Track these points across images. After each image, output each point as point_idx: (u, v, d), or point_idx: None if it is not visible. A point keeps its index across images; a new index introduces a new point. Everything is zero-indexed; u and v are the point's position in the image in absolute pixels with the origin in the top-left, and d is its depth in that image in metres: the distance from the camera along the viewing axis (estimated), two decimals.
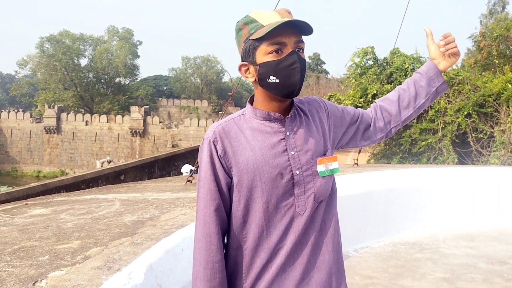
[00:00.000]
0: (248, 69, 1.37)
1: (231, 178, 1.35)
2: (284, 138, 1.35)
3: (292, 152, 1.34)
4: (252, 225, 1.34)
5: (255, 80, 1.35)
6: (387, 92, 12.03)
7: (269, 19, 1.29)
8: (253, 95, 1.43)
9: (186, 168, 10.47)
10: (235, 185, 1.34)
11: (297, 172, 1.34)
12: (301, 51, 1.32)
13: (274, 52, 1.29)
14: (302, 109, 1.44)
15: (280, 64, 1.29)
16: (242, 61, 1.37)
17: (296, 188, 1.34)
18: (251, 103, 1.42)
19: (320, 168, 1.37)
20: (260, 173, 1.31)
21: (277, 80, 1.30)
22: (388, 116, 1.59)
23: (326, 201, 1.40)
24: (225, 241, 1.42)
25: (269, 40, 1.28)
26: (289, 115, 1.38)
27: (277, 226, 1.33)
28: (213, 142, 1.34)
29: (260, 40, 1.29)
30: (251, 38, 1.31)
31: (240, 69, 1.38)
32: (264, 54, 1.30)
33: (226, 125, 1.38)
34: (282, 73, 1.29)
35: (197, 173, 1.39)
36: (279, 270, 1.34)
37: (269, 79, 1.30)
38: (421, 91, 1.57)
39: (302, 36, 1.33)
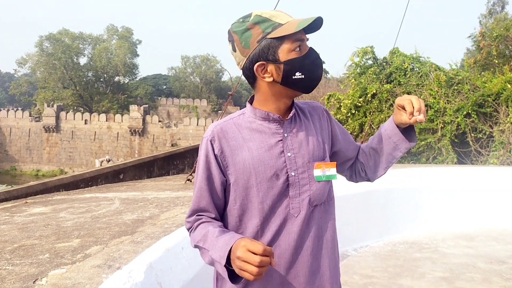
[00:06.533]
0: (265, 69, 1.34)
1: (226, 177, 1.36)
2: (281, 140, 1.36)
3: (289, 154, 1.35)
4: (248, 224, 1.34)
5: (273, 80, 1.34)
6: (386, 92, 12.14)
7: (285, 18, 1.31)
8: (253, 95, 1.43)
9: None
10: (231, 184, 1.35)
11: (292, 173, 1.34)
12: None
13: (296, 49, 1.31)
14: (303, 111, 1.46)
15: (305, 60, 1.32)
16: (258, 61, 1.33)
17: (291, 190, 1.34)
18: (251, 103, 1.42)
19: (317, 172, 1.37)
20: (256, 173, 1.32)
21: (303, 76, 1.32)
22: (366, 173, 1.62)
23: (323, 207, 1.40)
24: None
25: (292, 38, 1.30)
26: (289, 116, 1.39)
27: (271, 226, 1.33)
28: (211, 141, 1.36)
29: (282, 38, 1.30)
30: (272, 36, 1.30)
31: (256, 69, 1.35)
32: (288, 52, 1.31)
33: (225, 125, 1.39)
34: (308, 69, 1.32)
35: None
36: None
37: (294, 75, 1.32)
38: (389, 152, 1.54)
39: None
